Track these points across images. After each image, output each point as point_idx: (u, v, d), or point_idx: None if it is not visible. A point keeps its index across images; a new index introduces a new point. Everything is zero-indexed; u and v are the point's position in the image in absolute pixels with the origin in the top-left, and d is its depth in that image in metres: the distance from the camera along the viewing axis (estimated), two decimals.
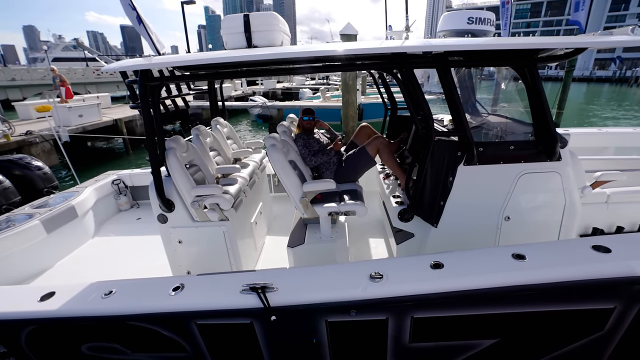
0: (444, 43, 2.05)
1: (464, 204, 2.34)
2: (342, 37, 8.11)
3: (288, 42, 2.68)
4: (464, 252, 1.93)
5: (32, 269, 3.21)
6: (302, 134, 3.22)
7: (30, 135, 9.63)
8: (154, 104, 2.37)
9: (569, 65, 9.64)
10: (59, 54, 44.04)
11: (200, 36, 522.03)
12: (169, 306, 1.79)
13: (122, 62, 2.18)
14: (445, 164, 2.30)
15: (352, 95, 9.08)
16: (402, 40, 2.58)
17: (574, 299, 1.74)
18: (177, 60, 2.22)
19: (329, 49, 2.08)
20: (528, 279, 1.69)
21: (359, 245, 3.41)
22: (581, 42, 1.92)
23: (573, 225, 2.38)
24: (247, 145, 4.32)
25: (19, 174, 3.99)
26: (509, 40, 2.07)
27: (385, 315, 1.76)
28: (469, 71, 3.44)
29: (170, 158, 2.52)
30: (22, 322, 1.89)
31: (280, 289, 1.77)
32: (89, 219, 3.94)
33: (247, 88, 27.39)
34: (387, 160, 3.00)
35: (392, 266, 1.87)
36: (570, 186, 2.30)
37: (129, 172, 4.60)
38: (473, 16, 2.47)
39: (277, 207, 4.40)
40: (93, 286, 1.98)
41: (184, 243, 2.74)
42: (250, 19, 2.44)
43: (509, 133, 2.83)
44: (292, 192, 2.68)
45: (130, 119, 13.75)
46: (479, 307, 1.75)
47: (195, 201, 2.57)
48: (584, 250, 1.82)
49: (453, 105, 2.18)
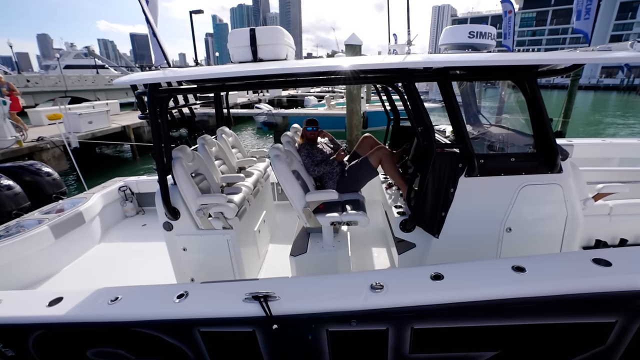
0: (444, 59, 2.10)
1: (465, 215, 2.36)
2: (347, 47, 8.21)
3: (293, 55, 2.74)
4: (464, 264, 1.95)
5: (39, 273, 3.27)
6: (306, 144, 3.27)
7: (42, 141, 9.83)
8: (162, 115, 2.44)
9: (575, 74, 9.63)
10: (70, 62, 44.92)
11: (207, 44, 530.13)
12: (173, 313, 1.83)
13: (132, 75, 2.26)
14: (446, 175, 2.32)
15: (356, 104, 9.14)
16: (404, 55, 2.63)
17: (574, 312, 1.74)
18: (186, 74, 2.29)
19: (332, 64, 2.14)
20: (528, 292, 1.70)
21: (360, 255, 3.42)
22: (579, 58, 1.95)
23: (575, 237, 2.38)
24: (252, 154, 4.38)
25: (30, 179, 4.09)
26: (507, 56, 2.10)
27: (385, 325, 1.78)
28: (471, 84, 3.48)
29: (177, 167, 2.58)
30: (31, 326, 1.93)
31: (282, 298, 1.80)
32: (95, 225, 4.01)
33: (252, 95, 27.69)
34: (390, 170, 3.03)
35: (393, 277, 1.89)
36: (572, 198, 2.30)
37: (136, 178, 4.68)
38: (474, 30, 2.51)
39: (280, 216, 4.44)
40: (100, 292, 2.02)
41: (189, 250, 2.79)
42: (256, 33, 2.50)
43: (510, 145, 2.85)
44: (295, 201, 2.72)
45: (138, 126, 13.98)
46: (478, 319, 1.76)
47: (200, 209, 2.62)
48: (584, 263, 1.83)
49: (454, 118, 2.22)
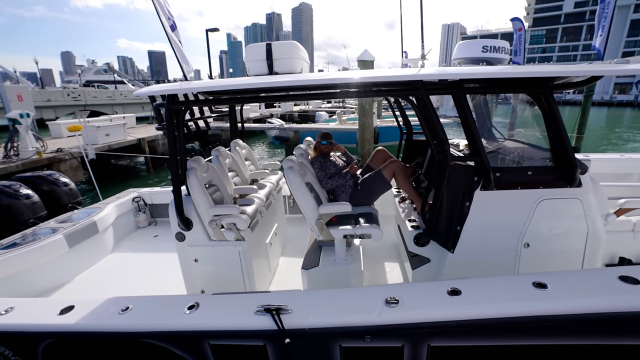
0: (459, 71, 2.09)
1: (482, 229, 2.30)
2: (359, 63, 8.34)
3: (307, 69, 2.79)
4: (482, 279, 1.88)
5: (52, 282, 3.30)
6: (319, 156, 3.28)
7: (61, 152, 10.14)
8: (179, 126, 2.48)
9: (588, 90, 9.52)
10: (91, 77, 46.78)
11: (221, 61, 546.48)
12: (183, 324, 1.80)
13: (151, 87, 2.32)
14: (461, 188, 2.28)
15: (368, 118, 9.20)
16: (418, 68, 2.64)
17: (601, 332, 1.65)
18: (203, 86, 2.34)
19: (346, 77, 2.16)
20: (551, 309, 1.62)
21: (373, 269, 3.36)
22: (597, 70, 1.93)
23: (597, 253, 2.29)
24: (264, 167, 4.41)
25: (47, 189, 4.20)
26: (523, 68, 2.09)
27: (401, 342, 1.72)
28: (484, 97, 3.46)
29: (191, 178, 2.61)
30: (41, 334, 1.93)
31: (295, 311, 1.76)
32: (108, 235, 4.06)
33: (265, 110, 28.19)
34: (403, 184, 3.01)
35: (408, 291, 1.84)
36: (593, 213, 2.23)
37: (149, 190, 4.75)
38: (488, 44, 2.52)
39: (292, 229, 4.42)
40: (110, 301, 2.02)
41: (200, 261, 2.78)
42: (273, 48, 2.57)
43: (527, 158, 2.80)
44: (308, 213, 2.70)
45: (153, 139, 14.30)
46: (498, 337, 1.69)
47: (213, 220, 2.63)
48: (610, 280, 1.75)
49: (469, 130, 2.19)
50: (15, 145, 9.49)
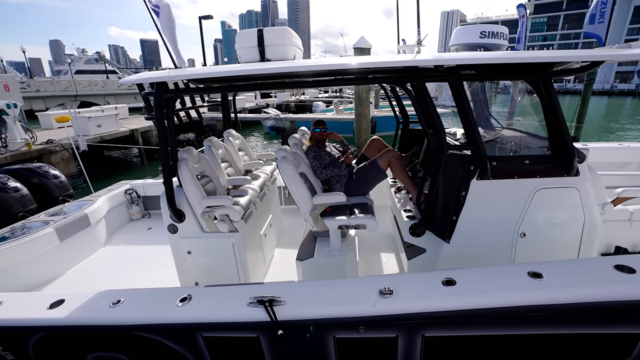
0: (456, 57, 2.04)
1: (478, 219, 2.28)
2: (356, 51, 8.19)
3: (300, 55, 2.71)
4: (477, 269, 1.87)
5: (43, 276, 3.26)
6: (314, 146, 3.22)
7: (51, 143, 9.96)
8: (168, 116, 2.41)
9: (589, 78, 9.44)
10: (81, 67, 45.86)
11: (216, 50, 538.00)
12: (175, 317, 1.78)
13: (139, 74, 2.24)
14: (457, 178, 2.25)
15: (365, 108, 9.10)
16: (415, 54, 2.57)
17: (596, 321, 1.65)
18: (192, 73, 2.26)
19: (341, 62, 2.09)
20: (545, 299, 1.62)
21: (369, 260, 3.35)
22: (597, 55, 1.88)
23: (594, 243, 2.28)
24: (259, 157, 4.35)
25: (37, 182, 4.10)
26: (521, 54, 2.04)
27: (395, 332, 1.71)
28: (482, 85, 3.41)
29: (182, 168, 2.55)
30: (31, 329, 1.90)
31: (288, 303, 1.74)
32: (101, 228, 4.00)
33: (260, 100, 27.88)
34: (399, 173, 2.97)
35: (403, 282, 1.82)
36: (590, 202, 2.21)
37: (142, 182, 4.68)
38: (486, 30, 2.45)
39: (286, 220, 4.39)
40: (101, 295, 1.99)
41: (193, 254, 2.74)
42: (264, 34, 2.47)
43: (524, 147, 2.76)
44: (302, 204, 2.66)
45: (146, 129, 14.09)
46: (493, 327, 1.68)
47: (206, 212, 2.58)
48: (606, 269, 1.74)
49: (465, 119, 2.15)
50: (3, 137, 9.30)
